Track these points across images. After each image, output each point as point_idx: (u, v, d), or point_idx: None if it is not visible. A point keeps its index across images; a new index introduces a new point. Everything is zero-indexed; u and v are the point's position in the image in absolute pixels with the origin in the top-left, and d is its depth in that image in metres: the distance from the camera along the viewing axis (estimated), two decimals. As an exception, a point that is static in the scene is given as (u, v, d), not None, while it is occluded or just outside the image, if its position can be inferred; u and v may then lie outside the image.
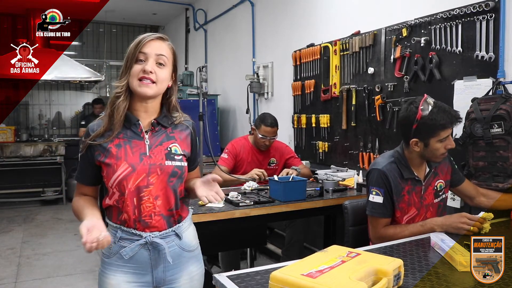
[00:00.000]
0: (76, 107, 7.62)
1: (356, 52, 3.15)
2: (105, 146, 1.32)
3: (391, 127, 2.87)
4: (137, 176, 1.31)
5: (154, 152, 1.36)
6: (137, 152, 1.34)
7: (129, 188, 1.31)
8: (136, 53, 1.31)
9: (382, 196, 1.78)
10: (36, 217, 5.74)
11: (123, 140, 1.34)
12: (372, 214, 1.82)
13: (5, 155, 6.07)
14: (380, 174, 1.80)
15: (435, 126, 1.71)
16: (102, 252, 1.36)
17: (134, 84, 1.31)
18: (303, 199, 2.51)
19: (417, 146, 1.77)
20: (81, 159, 1.37)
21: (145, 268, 1.36)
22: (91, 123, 1.38)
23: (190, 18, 6.45)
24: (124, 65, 1.34)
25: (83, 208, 1.33)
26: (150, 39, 1.33)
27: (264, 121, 3.18)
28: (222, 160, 3.26)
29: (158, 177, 1.34)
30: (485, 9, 2.19)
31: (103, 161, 1.32)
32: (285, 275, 1.07)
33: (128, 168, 1.31)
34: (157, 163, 1.34)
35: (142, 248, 1.34)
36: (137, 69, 1.31)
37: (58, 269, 3.77)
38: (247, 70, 4.71)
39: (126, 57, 1.34)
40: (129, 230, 1.34)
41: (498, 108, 2.01)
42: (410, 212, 1.83)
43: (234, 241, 3.01)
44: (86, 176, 1.39)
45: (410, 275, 1.25)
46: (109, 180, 1.32)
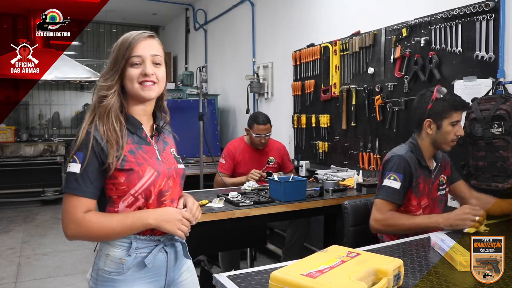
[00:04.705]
0: (76, 107, 7.61)
1: (356, 52, 3.15)
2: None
3: (391, 127, 2.87)
4: (161, 181, 1.30)
5: (164, 156, 1.35)
6: (153, 157, 1.31)
7: (154, 193, 1.28)
8: (128, 55, 1.26)
9: (400, 182, 1.82)
10: (36, 217, 5.74)
11: (133, 146, 1.28)
12: (384, 198, 1.82)
13: (5, 155, 6.07)
14: (402, 160, 1.85)
15: (449, 106, 1.82)
16: (105, 271, 1.26)
17: (135, 88, 1.27)
18: (303, 199, 2.51)
19: (430, 128, 1.86)
20: (87, 169, 1.21)
21: (160, 272, 1.32)
22: (94, 131, 1.26)
23: (190, 18, 6.45)
24: (112, 65, 1.28)
25: (119, 218, 1.24)
26: (141, 40, 1.28)
27: (256, 119, 3.22)
28: (220, 166, 3.32)
29: (174, 180, 1.34)
30: (485, 9, 2.19)
31: (122, 167, 1.23)
32: (285, 275, 1.07)
33: (154, 173, 1.28)
34: (172, 167, 1.34)
35: (159, 252, 1.31)
36: (135, 73, 1.27)
37: (58, 269, 3.77)
38: (247, 70, 4.71)
39: (113, 58, 1.28)
40: (146, 237, 1.29)
41: (498, 108, 2.01)
42: (424, 202, 1.90)
43: (234, 241, 3.01)
44: (95, 188, 1.24)
45: (410, 275, 1.25)
46: (132, 186, 1.25)
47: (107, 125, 1.24)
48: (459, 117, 1.85)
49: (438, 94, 1.84)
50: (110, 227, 1.22)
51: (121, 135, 1.25)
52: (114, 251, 1.26)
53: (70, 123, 7.59)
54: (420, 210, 1.89)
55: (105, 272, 1.26)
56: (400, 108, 2.77)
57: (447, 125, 1.83)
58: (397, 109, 2.80)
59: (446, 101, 1.83)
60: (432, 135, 1.87)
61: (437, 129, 1.86)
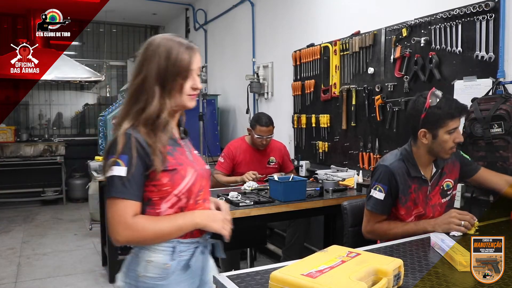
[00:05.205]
0: (76, 107, 7.62)
1: (356, 52, 3.15)
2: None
3: (391, 127, 2.87)
4: (200, 181, 1.31)
5: (194, 157, 1.37)
6: (187, 158, 1.32)
7: (195, 193, 1.29)
8: (181, 72, 1.25)
9: (384, 193, 1.78)
10: (36, 217, 5.74)
11: (169, 148, 1.27)
12: (371, 209, 1.82)
13: (5, 155, 6.07)
14: (387, 171, 1.79)
15: (444, 115, 1.68)
16: (147, 277, 1.23)
17: (184, 99, 1.28)
18: (303, 199, 2.51)
19: (425, 138, 1.73)
20: (133, 172, 1.19)
21: (197, 273, 1.33)
22: (135, 133, 1.23)
23: (190, 18, 6.45)
24: (170, 79, 1.25)
25: (169, 219, 1.24)
26: (196, 53, 1.30)
27: (259, 121, 3.23)
28: (218, 164, 3.34)
29: (206, 180, 1.36)
30: (485, 9, 2.19)
31: (166, 168, 1.23)
32: (285, 275, 1.07)
33: (195, 172, 1.29)
34: (203, 167, 1.36)
35: (199, 254, 1.32)
36: (187, 87, 1.27)
37: (58, 269, 3.77)
38: (247, 70, 4.70)
39: (173, 72, 1.25)
40: (187, 240, 1.29)
41: (498, 108, 2.01)
42: (416, 211, 1.82)
43: (234, 241, 2.99)
44: (140, 191, 1.22)
45: (410, 275, 1.25)
46: (176, 187, 1.25)
47: (150, 130, 1.23)
48: (456, 124, 1.71)
49: (432, 100, 1.70)
50: (162, 229, 1.22)
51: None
52: (157, 256, 1.24)
53: (70, 123, 7.59)
54: (411, 217, 1.81)
55: (147, 278, 1.23)
56: (400, 108, 2.77)
57: (443, 134, 1.70)
58: (397, 109, 2.80)
59: (440, 109, 1.68)
60: (428, 144, 1.75)
61: (432, 138, 1.73)
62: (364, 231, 1.87)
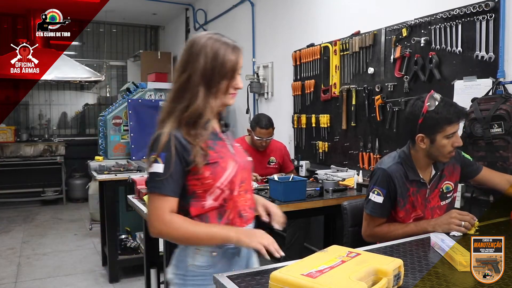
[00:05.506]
0: (76, 107, 7.62)
1: (356, 52, 3.15)
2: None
3: (391, 127, 2.87)
4: (241, 172, 1.34)
5: (236, 149, 1.39)
6: (228, 151, 1.35)
7: (237, 184, 1.32)
8: (227, 73, 1.28)
9: (382, 197, 1.77)
10: (36, 217, 5.74)
11: (210, 142, 1.30)
12: (370, 213, 1.82)
13: (5, 155, 6.07)
14: (384, 175, 1.77)
15: (441, 120, 1.65)
16: (195, 265, 1.29)
17: (226, 98, 1.31)
18: (303, 199, 2.51)
19: (423, 142, 1.71)
20: (171, 169, 1.23)
21: (243, 260, 1.37)
22: (176, 132, 1.26)
23: (190, 18, 6.45)
24: (216, 80, 1.27)
25: (205, 225, 1.27)
26: (240, 55, 1.32)
27: (259, 123, 3.23)
28: None
29: (248, 172, 1.39)
30: (485, 9, 2.19)
31: (207, 162, 1.26)
32: (285, 275, 1.07)
33: (236, 164, 1.32)
34: (244, 159, 1.39)
35: None
36: (231, 87, 1.31)
37: (58, 269, 3.78)
38: (247, 70, 4.70)
39: (220, 74, 1.27)
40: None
41: (498, 108, 2.01)
42: (414, 214, 1.81)
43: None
44: (177, 187, 1.26)
45: (410, 275, 1.25)
46: (218, 179, 1.28)
47: (191, 127, 1.26)
48: (455, 128, 1.68)
49: (431, 104, 1.66)
50: (194, 232, 1.25)
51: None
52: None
53: (70, 123, 7.59)
54: (410, 220, 1.80)
55: (196, 267, 1.29)
56: (400, 108, 2.77)
57: (441, 139, 1.68)
58: (397, 109, 2.80)
59: (438, 114, 1.65)
60: (426, 149, 1.72)
61: (430, 143, 1.70)
62: (364, 235, 1.86)
